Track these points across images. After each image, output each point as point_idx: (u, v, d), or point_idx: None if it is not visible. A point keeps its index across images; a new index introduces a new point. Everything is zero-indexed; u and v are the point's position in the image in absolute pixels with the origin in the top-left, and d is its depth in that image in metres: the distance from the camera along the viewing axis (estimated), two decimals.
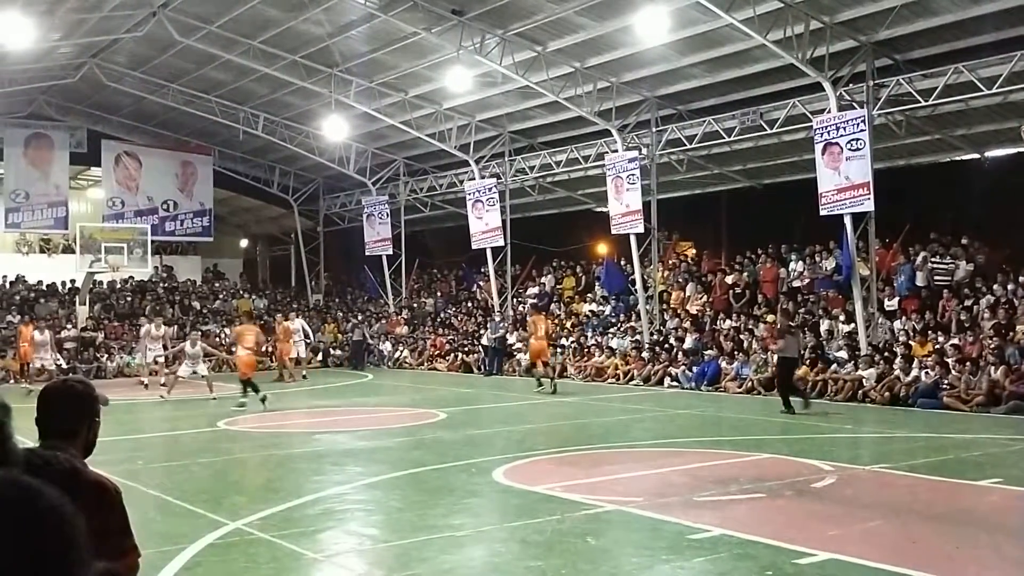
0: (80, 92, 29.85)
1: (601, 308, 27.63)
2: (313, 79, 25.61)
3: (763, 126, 21.84)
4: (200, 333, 24.93)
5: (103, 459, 3.92)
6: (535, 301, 27.79)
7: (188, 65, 26.61)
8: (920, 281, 20.79)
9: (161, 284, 35.15)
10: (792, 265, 23.53)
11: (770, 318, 20.80)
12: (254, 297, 36.02)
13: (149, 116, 31.82)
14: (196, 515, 8.71)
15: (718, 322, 23.42)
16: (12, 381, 25.32)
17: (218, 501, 9.49)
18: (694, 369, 21.46)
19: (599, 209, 29.05)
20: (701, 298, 25.05)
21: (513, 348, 26.73)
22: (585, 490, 9.54)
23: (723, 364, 21.03)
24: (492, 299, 29.88)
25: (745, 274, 24.41)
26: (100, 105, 31.16)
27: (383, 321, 33.14)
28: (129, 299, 33.29)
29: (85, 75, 27.66)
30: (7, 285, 32.29)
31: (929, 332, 18.66)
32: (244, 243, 41.93)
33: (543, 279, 30.79)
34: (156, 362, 23.02)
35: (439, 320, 32.46)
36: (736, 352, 21.04)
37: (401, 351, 30.70)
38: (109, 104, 30.93)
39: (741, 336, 21.80)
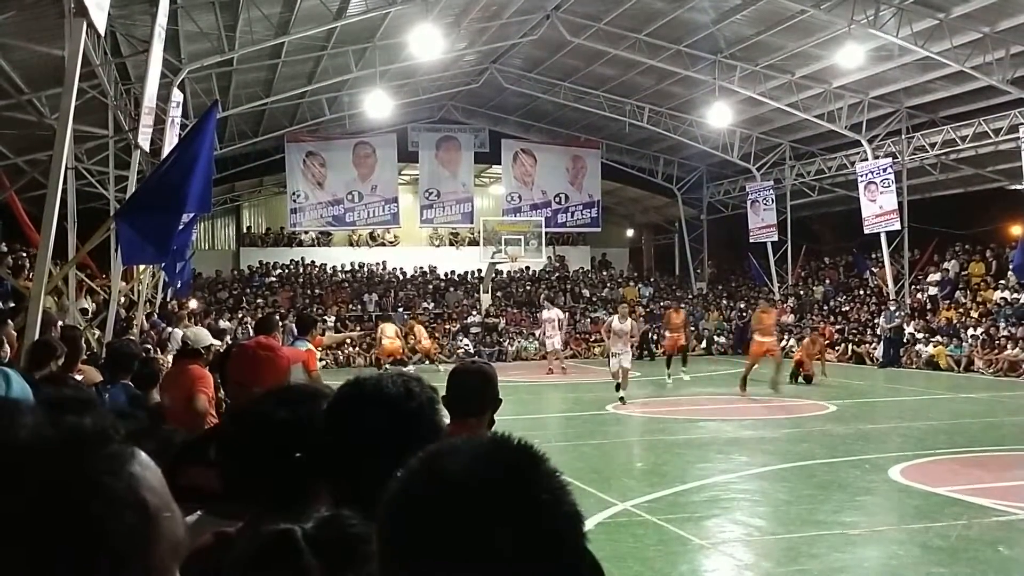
0: (482, 96, 32.31)
1: (1015, 296, 24.98)
2: (697, 67, 25.64)
3: None
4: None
5: None
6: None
7: (577, 63, 27.79)
8: None
9: (554, 273, 37.12)
10: None
11: None
12: (640, 285, 36.88)
13: (542, 114, 33.69)
14: (587, 494, 9.11)
15: None
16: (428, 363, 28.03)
17: (607, 482, 9.89)
18: None
19: (1013, 187, 26.30)
20: None
21: (914, 338, 24.95)
22: (996, 495, 8.74)
23: None
24: (887, 286, 28.19)
25: None
26: (499, 107, 33.48)
27: None
28: (528, 288, 35.54)
29: (487, 80, 29.89)
30: (422, 275, 35.83)
31: None
32: (630, 232, 42.99)
33: (946, 264, 28.46)
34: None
35: (828, 308, 31.17)
36: None
37: (787, 340, 29.87)
38: (507, 105, 33.14)
39: None
